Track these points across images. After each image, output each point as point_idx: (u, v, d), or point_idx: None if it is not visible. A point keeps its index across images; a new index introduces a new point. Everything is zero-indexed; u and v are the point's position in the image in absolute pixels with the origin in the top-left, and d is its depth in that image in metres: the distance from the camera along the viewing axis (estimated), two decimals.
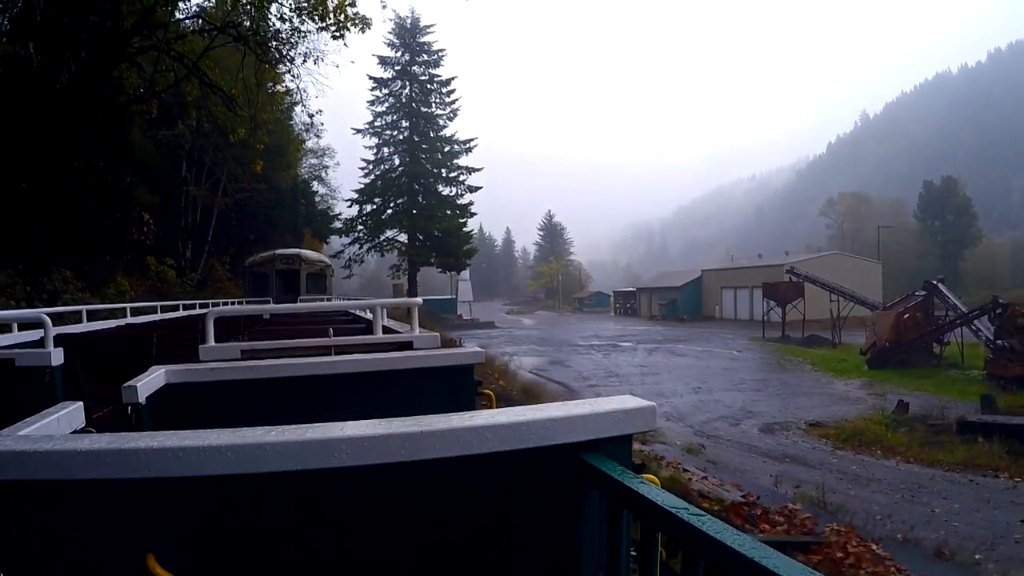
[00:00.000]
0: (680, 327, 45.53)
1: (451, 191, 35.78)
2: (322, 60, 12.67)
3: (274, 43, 12.17)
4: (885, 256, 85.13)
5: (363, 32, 10.16)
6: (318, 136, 27.04)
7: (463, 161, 35.67)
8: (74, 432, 1.30)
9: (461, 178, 35.52)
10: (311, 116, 15.02)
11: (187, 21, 13.90)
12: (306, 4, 10.71)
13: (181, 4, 14.55)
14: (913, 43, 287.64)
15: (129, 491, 0.99)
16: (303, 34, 12.00)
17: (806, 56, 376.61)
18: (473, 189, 35.58)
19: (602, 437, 1.14)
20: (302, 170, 33.48)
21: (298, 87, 13.51)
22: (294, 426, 1.02)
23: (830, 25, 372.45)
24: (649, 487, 0.99)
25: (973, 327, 25.10)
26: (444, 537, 1.13)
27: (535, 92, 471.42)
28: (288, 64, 12.93)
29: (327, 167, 35.48)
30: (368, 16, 9.92)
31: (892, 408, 14.51)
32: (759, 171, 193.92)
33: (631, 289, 63.23)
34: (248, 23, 11.71)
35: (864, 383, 22.64)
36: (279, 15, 11.17)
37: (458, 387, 2.52)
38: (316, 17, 10.40)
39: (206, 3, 15.79)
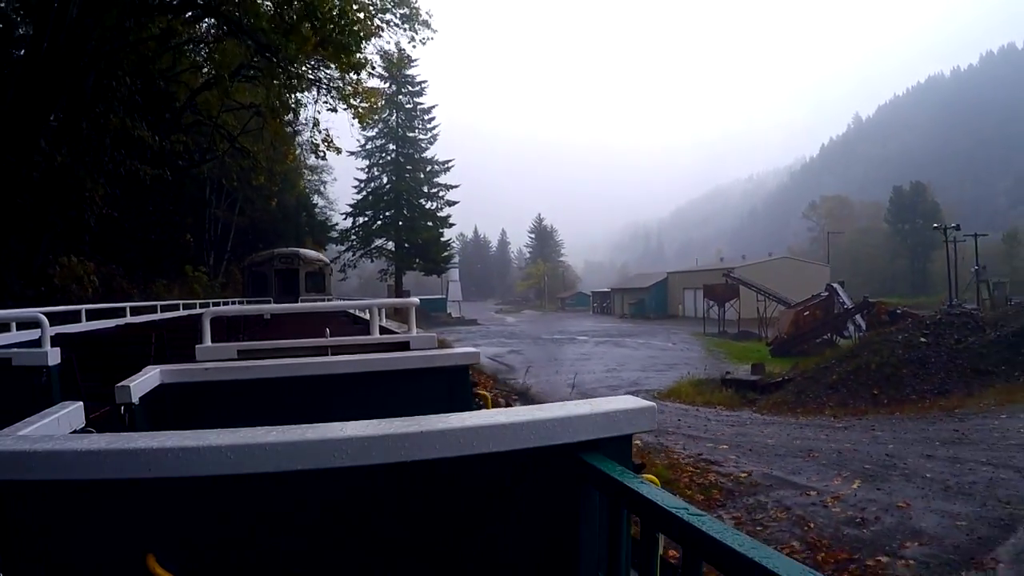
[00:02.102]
0: (642, 324, 51.63)
1: (432, 205, 42.33)
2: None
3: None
4: (858, 258, 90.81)
5: (337, 154, 16.40)
6: (322, 158, 33.23)
7: (442, 179, 42.33)
8: (74, 432, 1.33)
9: (440, 194, 42.10)
10: (313, 170, 21.18)
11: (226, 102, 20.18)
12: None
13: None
14: (907, 46, 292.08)
15: (129, 491, 1.00)
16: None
17: (806, 57, 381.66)
18: (451, 203, 42.19)
19: (602, 437, 1.16)
20: (303, 185, 39.93)
21: (302, 151, 19.81)
22: (294, 426, 1.04)
23: (830, 26, 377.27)
24: (649, 487, 1.01)
25: (855, 323, 31.15)
26: (444, 537, 1.14)
27: (534, 94, 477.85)
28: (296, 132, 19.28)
29: (325, 182, 41.95)
30: (340, 147, 16.26)
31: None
32: (756, 172, 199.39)
33: (607, 290, 69.53)
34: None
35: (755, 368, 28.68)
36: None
37: (454, 387, 2.55)
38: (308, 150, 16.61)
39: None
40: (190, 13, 12.18)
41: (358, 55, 10.85)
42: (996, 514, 5.48)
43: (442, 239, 42.43)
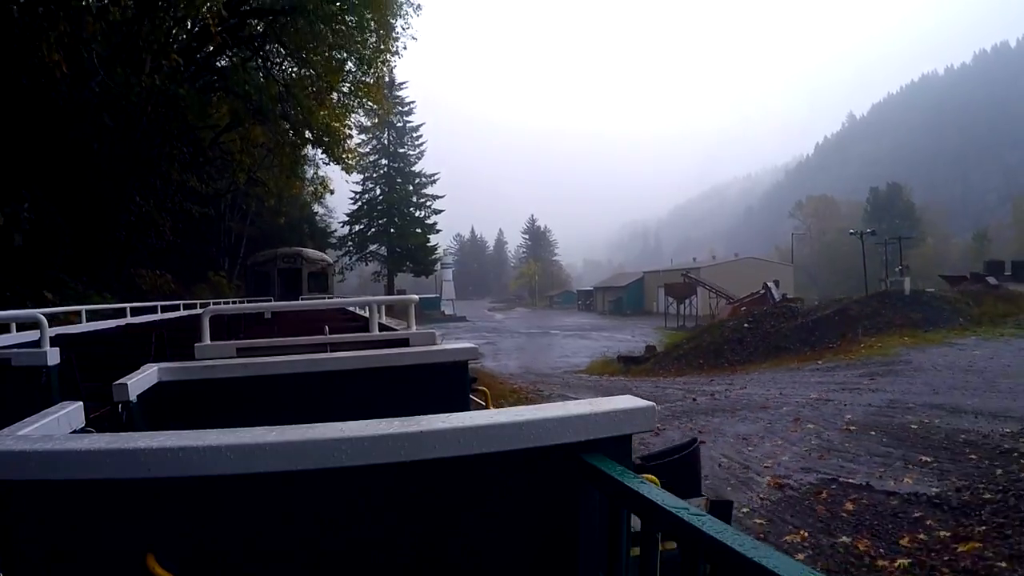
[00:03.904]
0: (616, 319, 57.18)
1: (420, 214, 48.29)
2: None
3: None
4: (838, 256, 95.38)
5: (332, 194, 22.00)
6: (320, 197, 39.03)
7: (429, 190, 48.33)
8: (74, 432, 1.35)
9: (428, 203, 48.11)
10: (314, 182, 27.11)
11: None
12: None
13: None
14: (902, 45, 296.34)
15: (129, 491, 1.02)
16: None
17: (803, 58, 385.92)
18: (438, 212, 48.31)
19: (602, 437, 1.18)
20: (305, 194, 45.98)
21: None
22: (294, 426, 1.07)
23: (826, 26, 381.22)
24: (649, 487, 1.04)
25: None
26: (444, 537, 1.17)
27: (536, 93, 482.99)
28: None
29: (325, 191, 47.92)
30: (332, 187, 21.90)
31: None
32: (754, 170, 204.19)
33: (590, 288, 75.20)
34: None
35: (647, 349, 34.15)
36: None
37: (453, 383, 2.60)
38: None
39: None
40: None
41: (341, 150, 16.60)
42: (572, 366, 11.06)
43: (429, 244, 48.40)
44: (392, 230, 47.43)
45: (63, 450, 1.00)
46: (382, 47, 15.92)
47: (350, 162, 18.53)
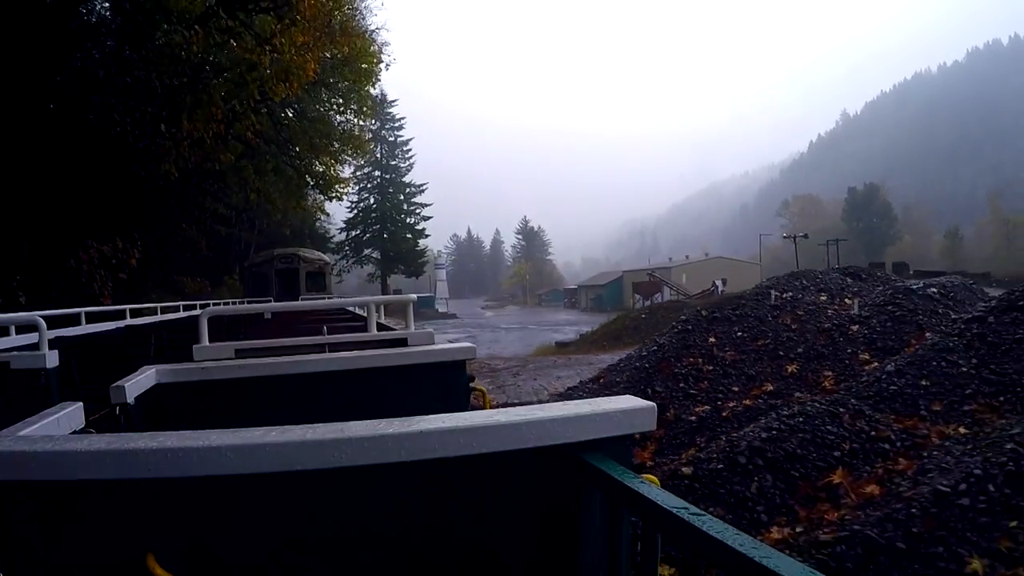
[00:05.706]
0: (595, 315, 62.59)
1: (410, 220, 54.71)
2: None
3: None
4: (817, 254, 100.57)
5: (327, 216, 28.20)
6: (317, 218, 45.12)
7: (418, 199, 54.89)
8: (74, 433, 1.38)
9: (417, 211, 54.60)
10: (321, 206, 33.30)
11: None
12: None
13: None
14: (896, 43, 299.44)
15: (129, 491, 1.04)
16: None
17: (801, 57, 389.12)
18: (426, 218, 54.80)
19: (602, 437, 1.20)
20: (308, 207, 52.58)
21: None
22: (294, 426, 1.08)
23: (823, 22, 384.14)
24: (649, 487, 1.05)
25: None
26: (444, 537, 1.19)
27: (536, 91, 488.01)
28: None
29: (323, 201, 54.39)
30: (329, 207, 28.18)
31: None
32: (751, 167, 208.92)
33: (574, 287, 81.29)
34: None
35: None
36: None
37: (450, 383, 2.65)
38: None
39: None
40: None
41: (334, 189, 23.03)
42: (524, 352, 17.11)
43: (418, 248, 54.74)
44: (385, 236, 53.74)
45: (63, 450, 1.01)
46: (361, 114, 22.17)
47: (343, 195, 24.76)
